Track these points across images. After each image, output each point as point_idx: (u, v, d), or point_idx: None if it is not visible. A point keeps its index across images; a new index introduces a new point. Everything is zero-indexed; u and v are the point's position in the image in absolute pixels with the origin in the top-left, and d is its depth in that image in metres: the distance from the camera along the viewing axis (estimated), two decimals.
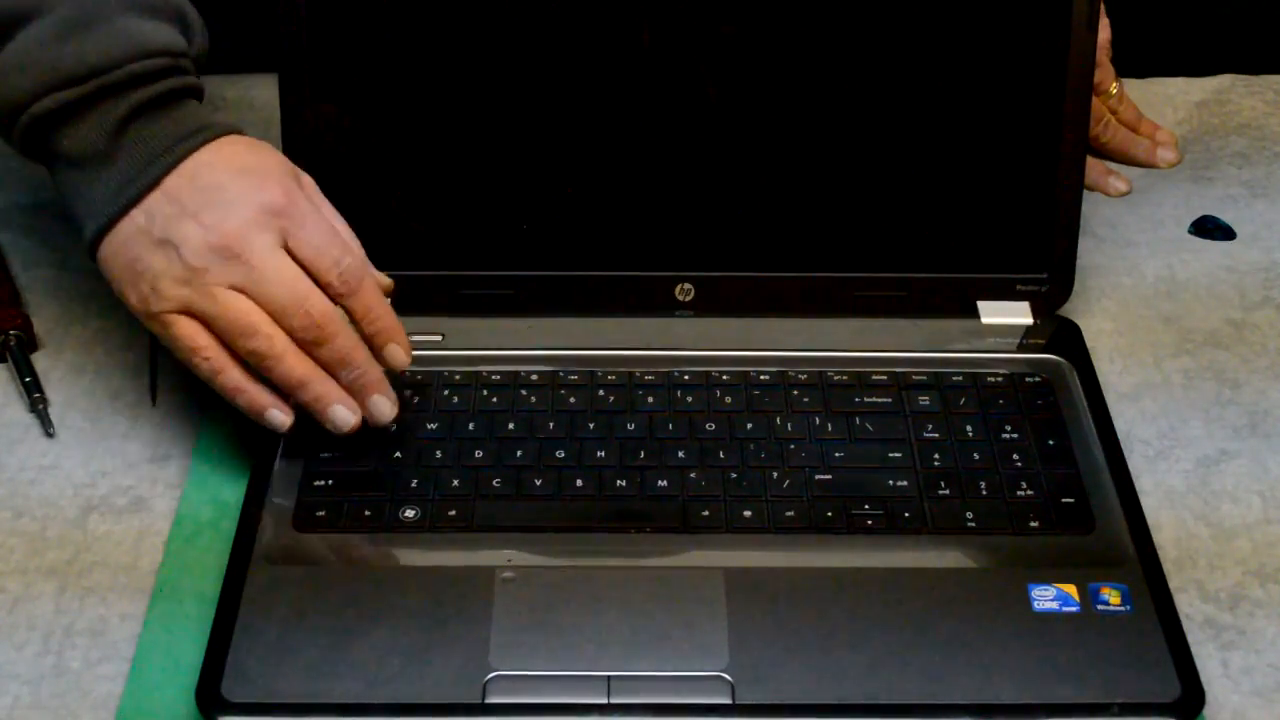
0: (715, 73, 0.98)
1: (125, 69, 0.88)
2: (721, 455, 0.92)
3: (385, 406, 0.89)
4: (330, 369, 0.88)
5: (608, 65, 0.98)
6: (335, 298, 0.88)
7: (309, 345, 0.87)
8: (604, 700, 0.79)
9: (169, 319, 0.87)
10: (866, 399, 0.95)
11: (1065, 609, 0.83)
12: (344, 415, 0.88)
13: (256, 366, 0.87)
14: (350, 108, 0.99)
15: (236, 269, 0.86)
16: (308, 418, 0.89)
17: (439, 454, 0.92)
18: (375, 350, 0.89)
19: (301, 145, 0.98)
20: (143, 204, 0.87)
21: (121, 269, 0.88)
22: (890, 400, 0.95)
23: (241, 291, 0.86)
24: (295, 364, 0.87)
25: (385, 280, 0.92)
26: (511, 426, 0.93)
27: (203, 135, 0.88)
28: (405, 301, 0.99)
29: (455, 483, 0.90)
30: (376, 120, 0.99)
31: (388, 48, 0.98)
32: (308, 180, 0.91)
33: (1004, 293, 1.01)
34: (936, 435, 0.93)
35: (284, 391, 0.88)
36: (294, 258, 0.87)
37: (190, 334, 0.87)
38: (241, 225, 0.86)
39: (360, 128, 0.99)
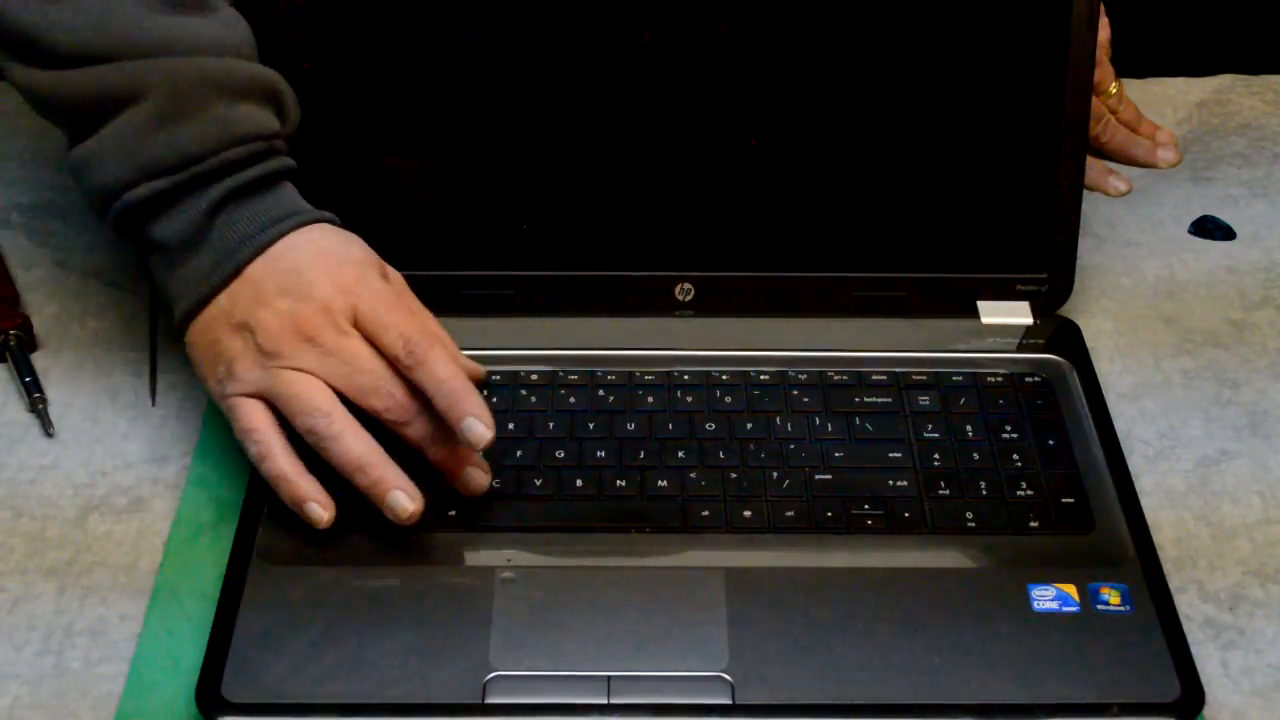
0: (715, 72, 0.98)
1: (218, 157, 0.88)
2: (721, 455, 0.92)
3: (477, 478, 0.88)
4: (420, 449, 0.87)
5: (608, 65, 0.98)
6: (403, 371, 0.86)
7: (396, 426, 0.86)
8: (604, 700, 0.79)
9: (238, 401, 0.87)
10: (866, 399, 0.95)
11: (1065, 609, 0.83)
12: (402, 502, 0.85)
13: (315, 448, 0.86)
14: (350, 108, 0.99)
15: (309, 352, 0.86)
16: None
17: None
18: (453, 425, 0.85)
19: (301, 145, 0.98)
20: (228, 289, 0.88)
21: (203, 351, 0.89)
22: (890, 400, 0.95)
23: (315, 375, 0.86)
24: (354, 445, 0.85)
25: (474, 367, 0.89)
26: (511, 426, 0.93)
27: (289, 222, 0.89)
28: None
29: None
30: (376, 120, 0.99)
31: (387, 48, 0.98)
32: (395, 275, 0.90)
33: (1004, 292, 1.01)
34: (936, 435, 0.93)
35: (346, 477, 0.86)
36: (364, 336, 0.87)
37: (250, 415, 0.87)
38: (315, 308, 0.86)
39: (360, 128, 0.99)
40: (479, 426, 0.85)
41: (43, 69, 0.89)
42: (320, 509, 0.86)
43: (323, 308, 0.86)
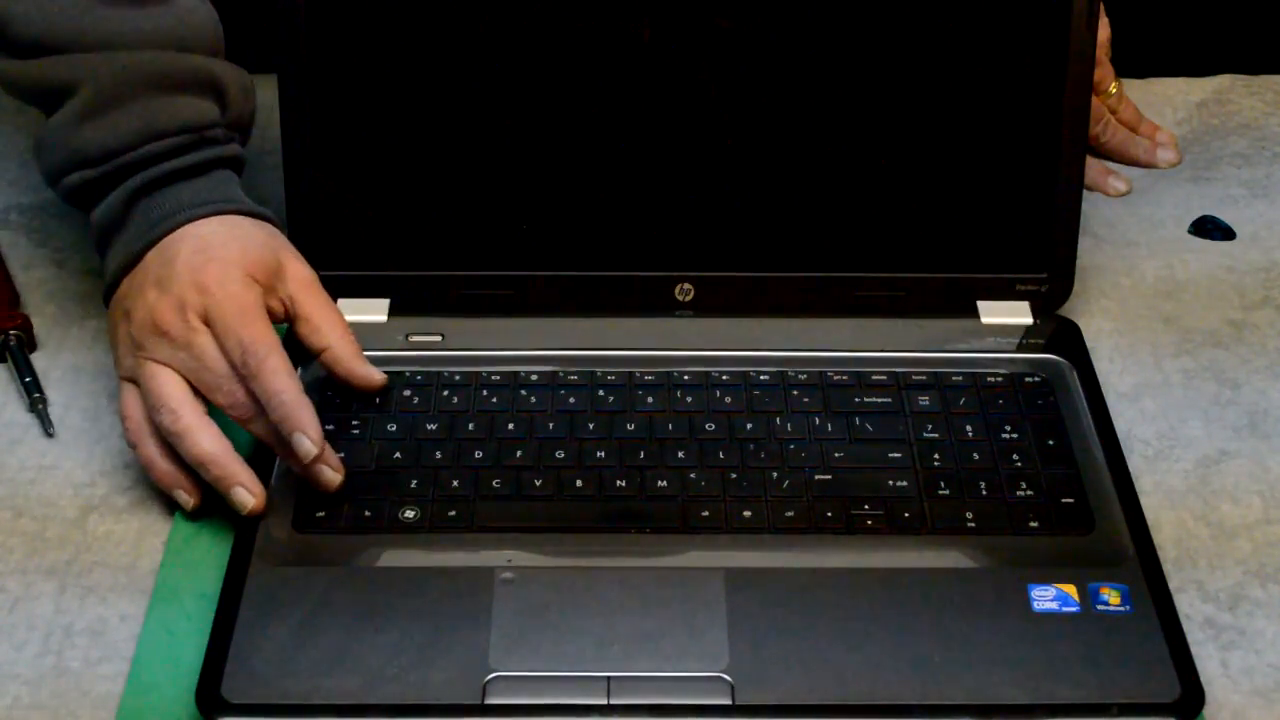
0: (715, 72, 0.98)
1: (140, 150, 0.92)
2: (721, 455, 0.92)
3: (328, 475, 0.88)
4: (268, 444, 0.89)
5: (608, 64, 0.98)
6: (241, 380, 0.88)
7: (242, 423, 0.89)
8: (604, 701, 0.79)
9: (121, 386, 0.91)
10: (866, 399, 0.95)
11: (1065, 609, 0.83)
12: (244, 497, 0.87)
13: (168, 441, 0.88)
14: (350, 108, 0.99)
15: (164, 345, 0.88)
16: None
17: (439, 454, 0.92)
18: (284, 437, 0.87)
19: (301, 145, 0.98)
20: (128, 275, 0.92)
21: (109, 333, 0.93)
22: (890, 400, 0.95)
23: (171, 368, 0.88)
24: (198, 441, 0.87)
25: (370, 376, 0.93)
26: (511, 427, 0.93)
27: (196, 211, 0.91)
28: (405, 301, 0.99)
29: (455, 483, 0.90)
30: (376, 120, 0.99)
31: (387, 48, 0.98)
32: (298, 273, 0.92)
33: (1004, 292, 1.01)
34: (936, 435, 0.93)
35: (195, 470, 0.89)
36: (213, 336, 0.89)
37: (126, 403, 0.90)
38: (170, 304, 0.89)
39: (360, 128, 0.99)
40: (305, 442, 0.87)
41: (9, 57, 0.94)
42: (186, 495, 0.89)
43: (177, 302, 0.88)
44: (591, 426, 0.93)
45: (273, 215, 0.95)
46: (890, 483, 0.90)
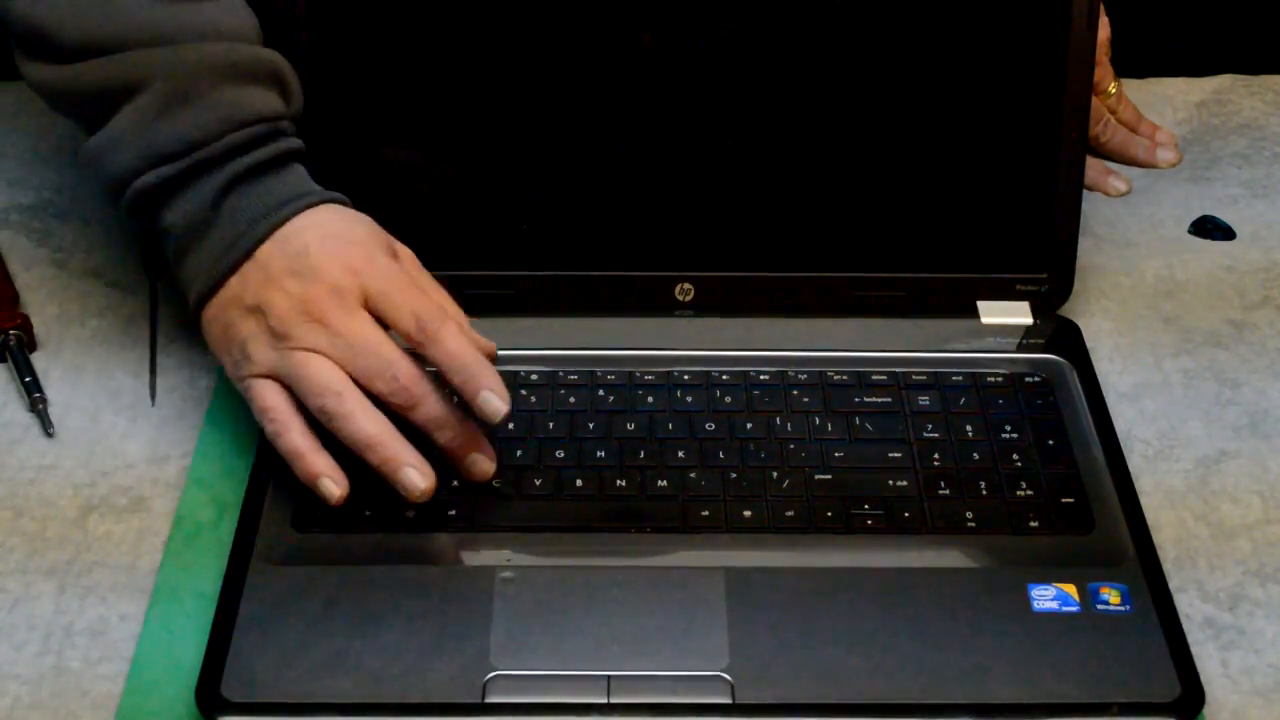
0: (716, 73, 0.98)
1: (223, 141, 0.89)
2: (721, 455, 0.92)
3: (482, 465, 0.88)
4: (427, 432, 0.87)
5: (608, 65, 0.98)
6: (416, 348, 0.87)
7: (402, 410, 0.86)
8: (604, 700, 0.79)
9: (254, 383, 0.88)
10: (866, 399, 0.95)
11: (1065, 609, 0.83)
12: (414, 479, 0.86)
13: (328, 427, 0.86)
14: (350, 108, 0.99)
15: (319, 333, 0.86)
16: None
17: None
18: (469, 400, 0.86)
19: (304, 144, 0.98)
20: (239, 272, 0.89)
21: (218, 335, 0.90)
22: (890, 400, 0.95)
23: (325, 355, 0.86)
24: (365, 424, 0.86)
25: (485, 343, 0.89)
26: (511, 427, 0.93)
27: (297, 204, 0.89)
28: None
29: (455, 482, 0.90)
30: (376, 120, 0.99)
31: (387, 48, 0.98)
32: (405, 252, 0.91)
33: (1004, 293, 1.01)
34: (936, 435, 0.93)
35: (358, 455, 0.87)
36: (375, 317, 0.87)
37: (265, 395, 0.88)
38: (323, 289, 0.87)
39: (360, 128, 0.99)
40: (494, 400, 0.86)
41: (53, 64, 0.90)
42: (333, 485, 0.87)
43: (331, 288, 0.87)
44: (591, 426, 0.93)
45: (350, 201, 0.93)
46: (890, 483, 0.90)
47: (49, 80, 0.91)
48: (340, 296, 0.87)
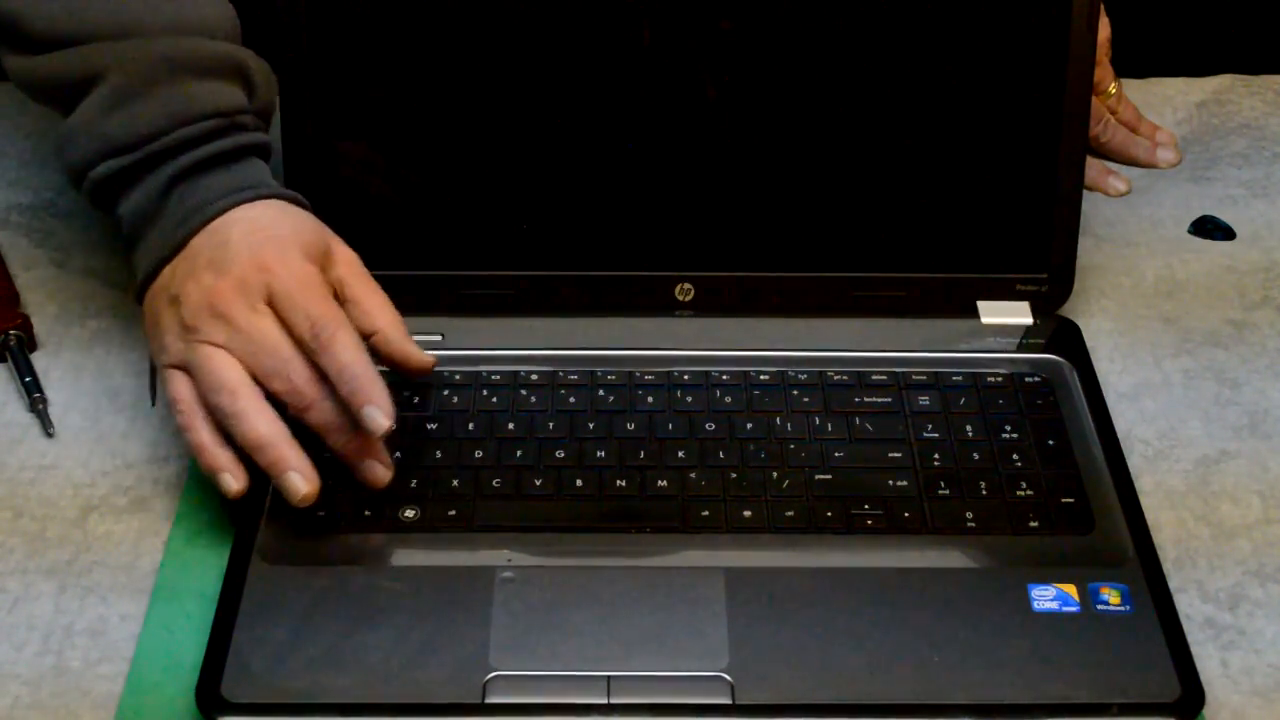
0: (716, 72, 0.98)
1: (173, 134, 0.91)
2: (721, 455, 0.92)
3: (377, 471, 0.88)
4: (320, 435, 0.87)
5: (608, 64, 0.98)
6: (309, 354, 0.86)
7: (295, 411, 0.87)
8: (604, 700, 0.79)
9: (169, 373, 0.89)
10: (866, 399, 0.95)
11: (1065, 609, 0.83)
12: (296, 483, 0.86)
13: (222, 424, 0.87)
14: (350, 108, 0.99)
15: (221, 328, 0.87)
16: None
17: (439, 454, 0.92)
18: (353, 413, 0.86)
19: (301, 145, 0.98)
20: (171, 262, 0.90)
21: (148, 322, 0.91)
22: (890, 400, 0.95)
23: (227, 350, 0.87)
24: (255, 424, 0.86)
25: (421, 357, 0.90)
26: (511, 426, 0.93)
27: (237, 197, 0.90)
28: (405, 302, 0.99)
29: (455, 483, 0.90)
30: (376, 120, 0.99)
31: (387, 48, 0.98)
32: (345, 255, 0.91)
33: (1004, 293, 1.01)
34: (936, 435, 0.93)
35: (249, 455, 0.87)
36: (276, 315, 0.87)
37: (176, 386, 0.88)
38: (230, 283, 0.87)
39: (360, 128, 0.99)
40: (378, 415, 0.85)
41: (25, 54, 0.92)
42: (231, 479, 0.87)
43: (237, 283, 0.87)
44: (591, 426, 0.93)
45: (306, 201, 0.93)
46: (890, 483, 0.90)
47: (21, 70, 0.93)
48: (245, 292, 0.87)
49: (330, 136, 0.99)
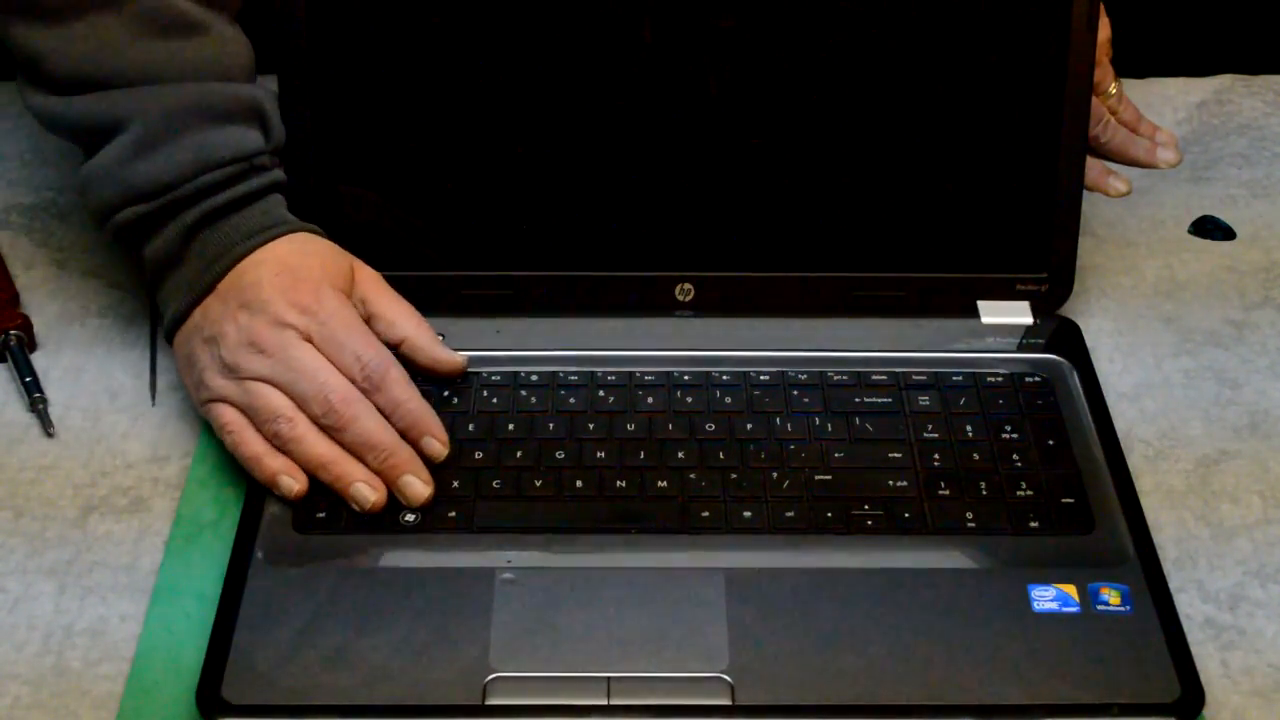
0: (716, 72, 0.98)
1: (195, 182, 0.92)
2: (721, 456, 0.92)
3: (416, 487, 0.89)
4: (357, 454, 0.89)
5: (608, 64, 0.98)
6: (362, 394, 0.90)
7: (333, 431, 0.89)
8: (604, 701, 0.79)
9: (212, 406, 0.91)
10: (866, 399, 0.95)
11: (1065, 609, 0.84)
12: (364, 493, 0.88)
13: (283, 450, 0.89)
14: (350, 108, 0.99)
15: (263, 363, 0.90)
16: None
17: None
18: (413, 445, 0.90)
19: (301, 146, 0.98)
20: (202, 304, 0.92)
21: (183, 361, 0.94)
22: (890, 400, 0.95)
23: (271, 383, 0.89)
24: (314, 445, 0.89)
25: (451, 359, 0.95)
26: (511, 428, 0.93)
27: (262, 237, 0.93)
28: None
29: (455, 484, 0.90)
30: (376, 120, 0.99)
31: (387, 48, 0.98)
32: (366, 275, 0.95)
33: (1004, 292, 1.01)
34: (936, 435, 0.93)
35: (313, 475, 0.90)
36: (321, 353, 0.90)
37: (223, 414, 0.91)
38: (268, 322, 0.90)
39: (360, 128, 0.99)
40: (435, 445, 0.90)
41: (48, 93, 0.93)
42: (290, 480, 0.89)
43: (275, 320, 0.90)
44: (591, 427, 0.93)
45: (320, 230, 0.96)
46: (890, 483, 0.90)
47: (43, 108, 0.94)
48: (281, 329, 0.90)
49: (329, 138, 0.99)
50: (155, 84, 0.92)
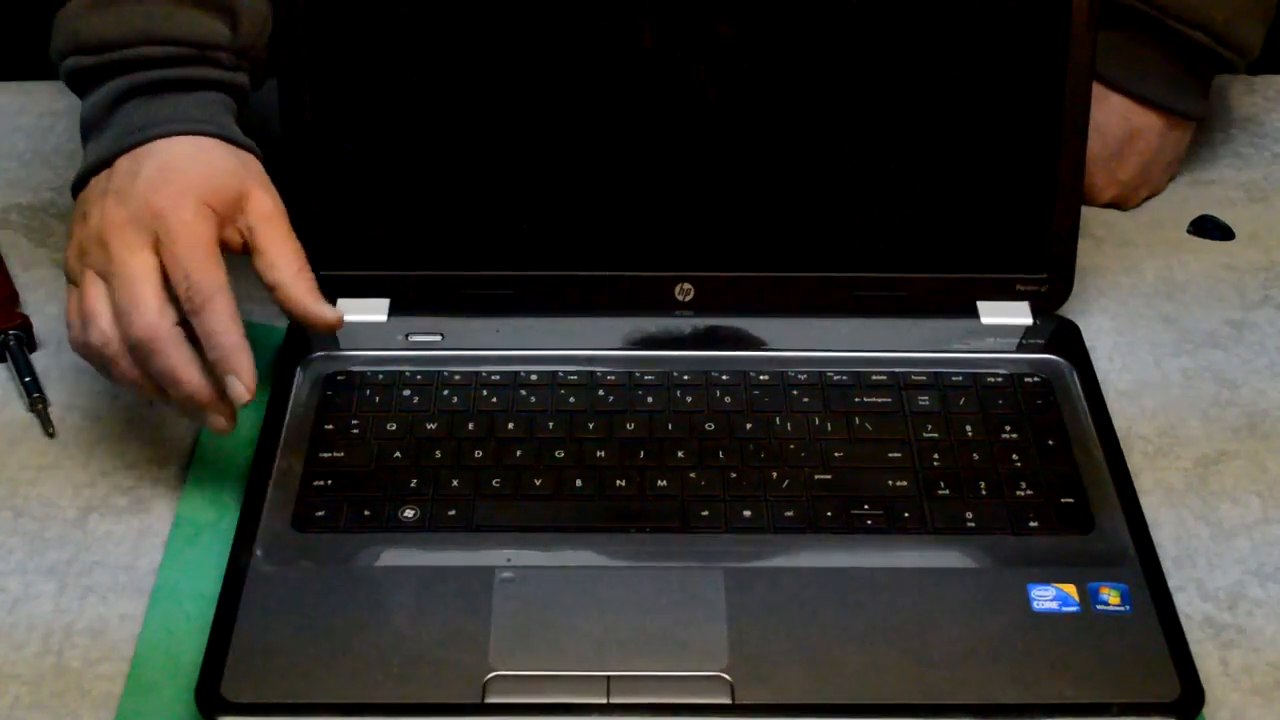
0: (716, 73, 0.98)
1: (137, 49, 0.92)
2: (721, 455, 0.92)
3: (218, 424, 0.88)
4: (159, 384, 0.87)
5: (608, 65, 0.98)
6: (185, 314, 0.86)
7: (138, 359, 0.87)
8: (603, 700, 0.79)
9: (68, 287, 0.89)
10: (866, 399, 0.95)
11: (1065, 609, 0.84)
12: (219, 423, 0.87)
13: (133, 354, 0.87)
14: (349, 108, 0.99)
15: (103, 259, 0.87)
16: None
17: (438, 454, 0.92)
18: (219, 377, 0.86)
19: (301, 145, 0.98)
20: (100, 174, 0.90)
21: (69, 228, 0.91)
22: (890, 400, 0.95)
23: (103, 280, 0.87)
24: (128, 369, 0.87)
25: (327, 312, 0.90)
26: (511, 427, 0.93)
27: (172, 127, 0.90)
28: (405, 301, 0.99)
29: (455, 483, 0.90)
30: (376, 120, 0.99)
31: (387, 48, 0.98)
32: (262, 205, 0.90)
33: (1004, 293, 1.01)
34: (936, 435, 0.93)
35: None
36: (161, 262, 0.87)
37: (69, 299, 0.89)
38: (123, 218, 0.87)
39: (360, 128, 0.99)
40: (238, 385, 0.86)
41: None
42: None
43: (129, 219, 0.87)
44: (591, 426, 0.93)
45: (255, 148, 0.93)
46: (890, 483, 0.90)
47: None
48: (133, 230, 0.87)
49: (329, 138, 0.99)
50: None
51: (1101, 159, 1.10)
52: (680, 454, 0.92)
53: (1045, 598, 0.84)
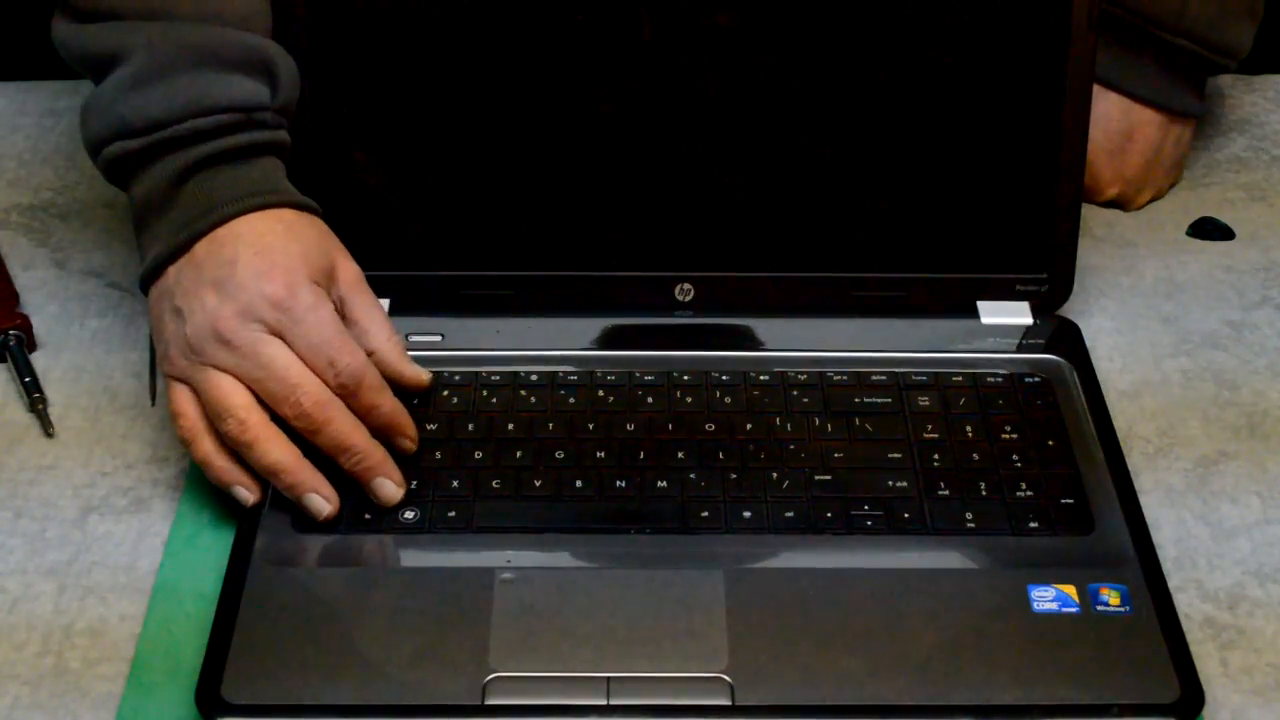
0: (716, 73, 0.98)
1: (188, 124, 0.90)
2: (721, 456, 0.92)
3: (388, 489, 0.88)
4: (330, 455, 0.87)
5: (608, 64, 0.98)
6: (338, 395, 0.88)
7: (306, 433, 0.87)
8: (603, 701, 0.79)
9: (172, 384, 0.89)
10: (866, 399, 0.95)
11: (1065, 610, 0.84)
12: (318, 504, 0.87)
13: (234, 449, 0.87)
14: (349, 108, 0.99)
15: (227, 354, 0.87)
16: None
17: (438, 455, 0.92)
18: (384, 443, 0.89)
19: (301, 145, 0.98)
20: (179, 262, 0.89)
21: (154, 321, 0.91)
22: (890, 400, 0.95)
23: (234, 375, 0.87)
24: (268, 451, 0.86)
25: (416, 373, 0.93)
26: (511, 427, 0.93)
27: (247, 202, 0.89)
28: (405, 301, 0.99)
29: (455, 484, 0.90)
30: (376, 120, 0.99)
31: (387, 48, 0.98)
32: (349, 273, 0.91)
33: (1004, 293, 1.01)
34: (936, 435, 0.93)
35: (266, 479, 0.88)
36: (293, 350, 0.87)
37: (179, 400, 0.88)
38: (236, 311, 0.87)
39: (360, 128, 0.99)
40: (406, 443, 0.90)
41: (69, 21, 0.92)
42: (246, 492, 0.88)
43: (243, 310, 0.87)
44: (591, 427, 0.93)
45: (317, 206, 0.93)
46: (890, 483, 0.90)
47: (62, 37, 0.93)
48: (251, 319, 0.87)
49: (331, 136, 0.99)
50: (167, 20, 0.90)
51: (1105, 153, 1.10)
52: (680, 455, 0.92)
53: (1045, 598, 0.84)
